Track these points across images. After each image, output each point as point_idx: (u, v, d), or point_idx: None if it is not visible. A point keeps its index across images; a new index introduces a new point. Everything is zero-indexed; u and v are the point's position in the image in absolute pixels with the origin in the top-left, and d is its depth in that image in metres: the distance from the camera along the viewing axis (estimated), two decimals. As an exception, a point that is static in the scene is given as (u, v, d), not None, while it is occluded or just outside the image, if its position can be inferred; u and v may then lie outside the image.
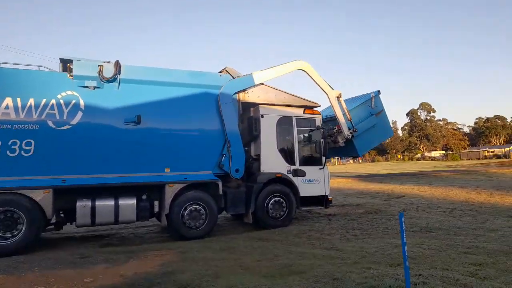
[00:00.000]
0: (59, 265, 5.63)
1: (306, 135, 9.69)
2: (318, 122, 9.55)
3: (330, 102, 9.74)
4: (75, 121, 7.04)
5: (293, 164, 9.12)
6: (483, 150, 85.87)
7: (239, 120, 8.62)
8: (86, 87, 7.19)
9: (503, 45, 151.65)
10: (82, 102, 7.13)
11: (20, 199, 6.52)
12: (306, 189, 9.12)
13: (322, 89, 9.65)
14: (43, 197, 6.63)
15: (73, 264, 5.67)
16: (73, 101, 7.06)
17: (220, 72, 8.80)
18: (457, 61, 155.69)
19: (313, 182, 9.26)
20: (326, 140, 9.36)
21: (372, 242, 6.94)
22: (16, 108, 6.63)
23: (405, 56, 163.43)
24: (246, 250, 6.59)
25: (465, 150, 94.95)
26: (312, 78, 9.48)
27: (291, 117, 9.26)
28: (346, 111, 9.78)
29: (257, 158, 9.00)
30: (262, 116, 8.89)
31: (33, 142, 6.68)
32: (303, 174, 9.13)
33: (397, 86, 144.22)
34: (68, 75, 7.16)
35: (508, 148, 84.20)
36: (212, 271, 5.19)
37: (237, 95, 8.65)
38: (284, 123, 9.15)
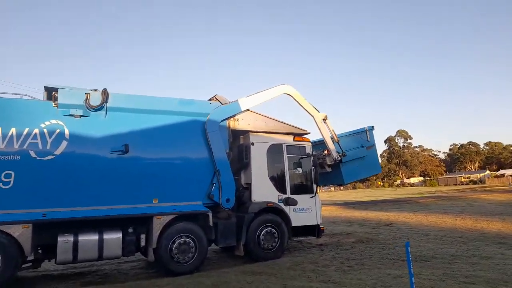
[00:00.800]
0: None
1: (297, 162, 9.58)
2: (308, 149, 9.50)
3: (317, 124, 9.74)
4: (59, 151, 6.70)
5: (284, 192, 8.95)
6: (460, 176, 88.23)
7: (229, 148, 8.45)
8: (72, 115, 6.92)
9: (474, 71, 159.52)
10: (67, 131, 6.83)
11: (-4, 235, 6.03)
12: (298, 218, 8.91)
13: (308, 112, 9.67)
14: (21, 233, 6.15)
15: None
16: (58, 130, 6.75)
17: (210, 99, 8.70)
18: (431, 88, 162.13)
19: (304, 211, 9.07)
20: (317, 167, 9.27)
21: (369, 273, 6.73)
22: (-4, 137, 6.25)
23: (382, 83, 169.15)
24: (240, 286, 6.26)
25: (442, 176, 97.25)
26: (297, 102, 9.51)
27: (281, 144, 9.17)
28: (333, 133, 9.80)
29: (248, 187, 8.79)
30: (253, 144, 8.77)
31: (13, 173, 6.28)
32: (294, 202, 8.94)
33: (374, 113, 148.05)
34: (53, 103, 6.88)
35: (483, 174, 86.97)
36: (208, 310, 4.85)
37: (227, 122, 8.54)
38: (274, 150, 9.04)
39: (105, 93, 7.22)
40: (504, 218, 14.36)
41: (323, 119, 9.74)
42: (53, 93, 7.00)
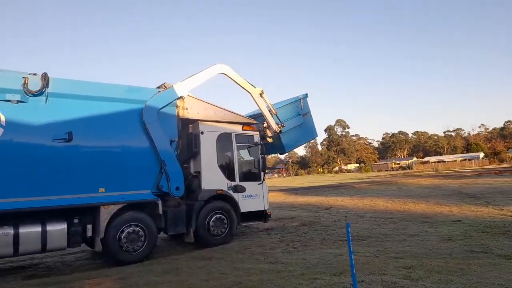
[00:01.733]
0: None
1: (245, 151, 9.85)
2: (256, 139, 9.79)
3: (254, 99, 9.93)
4: (-6, 138, 6.25)
5: (233, 180, 9.19)
6: (391, 163, 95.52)
7: (178, 136, 8.44)
8: (8, 101, 6.46)
9: (406, 65, 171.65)
10: (2, 118, 6.37)
11: None
12: (246, 204, 9.23)
13: (245, 89, 9.82)
14: (-46, 227, 5.72)
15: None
16: (-8, 117, 6.28)
17: (159, 87, 8.58)
18: (367, 80, 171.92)
19: (252, 198, 9.41)
20: (265, 155, 9.62)
21: (313, 253, 7.27)
22: None
23: (322, 75, 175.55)
24: (191, 271, 6.43)
25: (375, 162, 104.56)
26: (233, 80, 9.61)
27: (231, 133, 9.36)
28: (270, 106, 10.06)
29: (197, 175, 8.89)
30: (202, 133, 8.85)
31: None
32: (243, 189, 9.24)
33: (316, 102, 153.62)
34: (-14, 88, 6.37)
35: (411, 160, 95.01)
36: (162, 295, 4.97)
37: (176, 110, 8.49)
38: (223, 139, 9.21)
39: (45, 77, 6.83)
40: (428, 200, 16.00)
41: (260, 94, 9.91)
42: (-13, 76, 6.46)
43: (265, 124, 10.15)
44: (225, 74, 9.44)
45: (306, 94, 11.31)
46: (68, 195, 6.88)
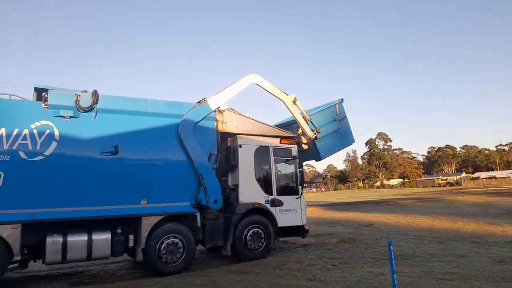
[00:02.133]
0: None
1: (283, 164, 9.82)
2: (294, 152, 9.74)
3: (287, 107, 9.86)
4: (48, 151, 6.73)
5: (271, 194, 9.17)
6: (437, 178, 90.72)
7: (217, 150, 8.59)
8: (62, 116, 6.95)
9: (451, 76, 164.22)
10: (57, 132, 6.86)
11: (-16, 235, 6.02)
12: (283, 219, 9.14)
13: (278, 97, 9.77)
14: (10, 233, 6.16)
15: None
16: (47, 131, 6.78)
17: (199, 102, 8.83)
18: (409, 91, 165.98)
19: (290, 212, 9.32)
20: (303, 169, 9.53)
21: (353, 271, 7.02)
22: (-15, 138, 6.25)
23: (363, 86, 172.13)
24: (229, 284, 6.44)
25: (420, 178, 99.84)
26: (266, 90, 9.59)
27: (268, 147, 9.39)
28: (304, 113, 9.96)
29: (235, 188, 8.96)
30: (240, 146, 8.96)
31: (2, 174, 6.27)
32: (280, 204, 9.18)
33: (355, 115, 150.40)
34: (43, 104, 6.89)
35: (459, 176, 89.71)
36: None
37: (215, 124, 8.67)
38: (261, 153, 9.25)
39: (95, 94, 7.29)
40: (478, 219, 15.01)
41: (293, 101, 9.84)
42: (43, 94, 7.00)
43: (300, 131, 10.08)
44: (257, 84, 9.47)
45: (342, 99, 11.08)
46: (113, 205, 7.20)
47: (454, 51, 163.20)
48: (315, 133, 9.92)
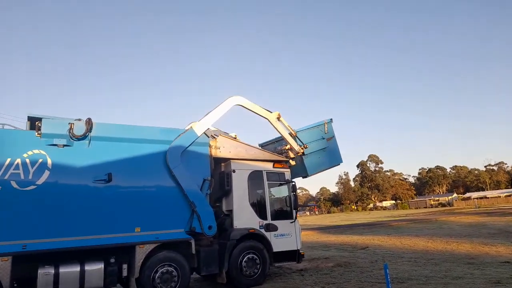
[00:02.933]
0: None
1: (277, 189, 9.84)
2: (288, 176, 9.79)
3: (272, 124, 9.87)
4: (41, 180, 6.67)
5: (265, 218, 9.12)
6: (429, 199, 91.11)
7: (211, 175, 8.59)
8: (55, 145, 6.94)
9: (436, 94, 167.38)
10: (49, 161, 6.83)
11: (-27, 269, 5.86)
12: (278, 244, 9.07)
13: (262, 116, 9.79)
14: (0, 266, 6.01)
15: None
16: (40, 160, 6.74)
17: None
18: (399, 113, 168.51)
19: (285, 237, 9.26)
20: (297, 193, 9.56)
21: (350, 296, 6.95)
22: (-24, 168, 6.20)
23: (351, 108, 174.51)
24: (225, 313, 6.31)
25: (412, 199, 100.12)
26: (249, 110, 9.60)
27: (262, 171, 9.42)
28: (289, 128, 10.00)
29: (229, 214, 8.92)
30: (234, 171, 8.98)
31: (-7, 204, 6.19)
32: (275, 228, 9.13)
33: (346, 137, 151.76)
34: (36, 133, 6.90)
35: (451, 197, 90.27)
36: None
37: (208, 149, 8.70)
38: (255, 177, 9.27)
39: (89, 123, 7.32)
40: (472, 239, 15.05)
41: (277, 118, 9.89)
42: (37, 122, 7.02)
43: (288, 146, 10.15)
44: (241, 105, 9.46)
45: (331, 119, 11.21)
46: (106, 234, 7.10)
47: (441, 71, 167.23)
48: (302, 148, 10.00)
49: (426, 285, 7.57)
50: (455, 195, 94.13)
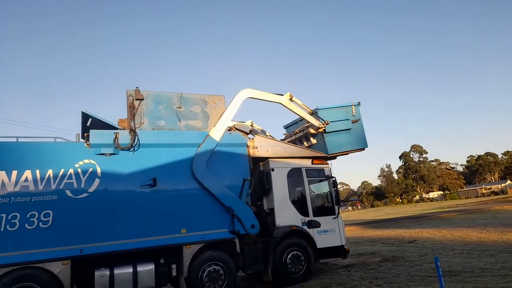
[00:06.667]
0: None
1: (317, 185, 9.78)
2: (327, 172, 9.70)
3: (286, 107, 9.73)
4: (92, 188, 7.11)
5: (307, 215, 9.10)
6: (480, 188, 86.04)
7: (250, 175, 8.70)
8: (103, 154, 7.36)
9: (487, 81, 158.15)
10: (99, 169, 7.26)
11: (38, 273, 6.34)
12: (322, 240, 9.01)
13: (274, 101, 9.66)
14: (61, 269, 6.46)
15: None
16: (90, 169, 7.19)
17: (229, 130, 9.05)
18: (441, 99, 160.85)
19: (328, 233, 9.18)
20: (338, 188, 9.44)
21: (400, 291, 6.78)
22: (35, 180, 6.71)
23: (392, 98, 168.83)
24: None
25: (462, 189, 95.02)
26: (260, 99, 9.52)
27: (301, 168, 9.40)
28: (304, 107, 9.85)
29: (271, 212, 8.98)
30: (273, 170, 9.03)
31: (51, 212, 6.67)
32: (317, 225, 9.08)
33: (385, 127, 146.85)
34: (85, 144, 7.35)
35: (504, 184, 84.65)
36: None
37: (246, 149, 8.81)
38: (294, 175, 9.28)
39: (133, 132, 7.70)
40: (530, 228, 14.10)
41: (290, 99, 9.74)
42: (85, 134, 7.48)
43: (308, 123, 10.01)
44: (252, 97, 9.37)
45: (359, 102, 10.83)
46: (155, 236, 7.42)
47: (487, 52, 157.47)
48: (323, 124, 9.81)
49: (482, 278, 7.22)
50: (508, 182, 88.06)
